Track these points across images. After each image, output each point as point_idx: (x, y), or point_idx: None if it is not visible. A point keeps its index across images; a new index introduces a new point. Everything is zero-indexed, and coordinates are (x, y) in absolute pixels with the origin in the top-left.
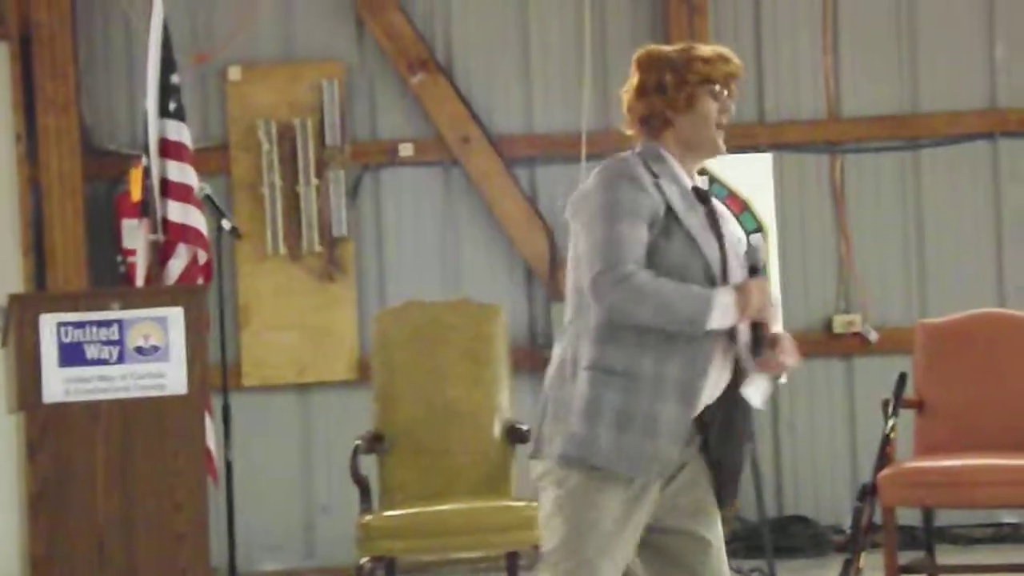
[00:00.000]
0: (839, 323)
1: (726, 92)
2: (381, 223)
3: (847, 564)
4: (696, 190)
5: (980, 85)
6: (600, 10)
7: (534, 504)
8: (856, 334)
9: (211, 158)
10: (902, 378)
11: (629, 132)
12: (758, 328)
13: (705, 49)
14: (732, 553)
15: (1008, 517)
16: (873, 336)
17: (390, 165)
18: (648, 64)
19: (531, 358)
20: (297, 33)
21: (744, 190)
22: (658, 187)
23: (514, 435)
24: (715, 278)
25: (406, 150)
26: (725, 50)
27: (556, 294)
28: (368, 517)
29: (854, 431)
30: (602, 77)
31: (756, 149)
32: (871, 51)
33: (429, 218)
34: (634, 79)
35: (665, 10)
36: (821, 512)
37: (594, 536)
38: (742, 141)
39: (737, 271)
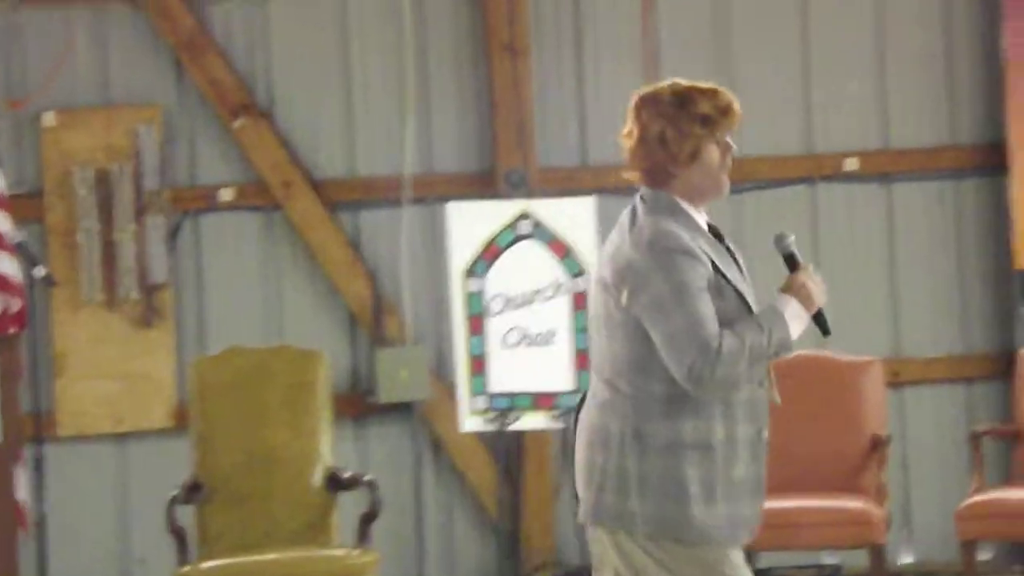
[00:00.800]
0: None
1: (728, 133)
2: (201, 269)
3: None
4: (711, 229)
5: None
6: (422, 54)
7: (356, 552)
8: None
9: (25, 205)
10: None
11: (631, 178)
12: (820, 314)
13: (701, 97)
14: None
15: (828, 558)
16: None
17: (210, 210)
18: (645, 113)
19: (353, 404)
20: (114, 77)
21: (567, 234)
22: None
23: (335, 483)
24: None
25: (227, 195)
26: (721, 92)
27: (379, 340)
28: (185, 568)
29: None
30: (425, 121)
31: (579, 192)
32: None
33: (250, 264)
34: (633, 127)
35: (488, 55)
36: None
37: None
38: (565, 184)
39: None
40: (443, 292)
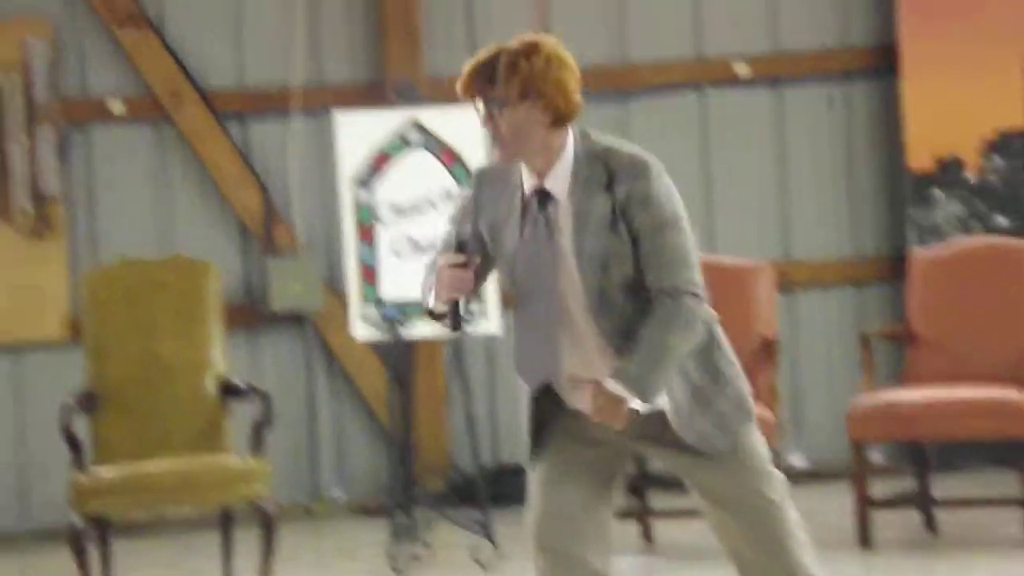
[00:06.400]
0: None
1: (481, 103)
2: (92, 181)
3: None
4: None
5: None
6: None
7: (249, 460)
8: None
9: None
10: None
11: None
12: (455, 306)
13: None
14: (449, 504)
15: None
16: None
17: (101, 123)
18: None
19: (246, 314)
20: None
21: (455, 142)
22: None
23: (228, 391)
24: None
25: (117, 107)
26: (471, 62)
27: (271, 250)
28: (80, 476)
29: None
30: (314, 30)
31: (468, 101)
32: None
33: (141, 176)
34: None
35: None
36: None
37: None
38: (454, 93)
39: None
40: (333, 202)
